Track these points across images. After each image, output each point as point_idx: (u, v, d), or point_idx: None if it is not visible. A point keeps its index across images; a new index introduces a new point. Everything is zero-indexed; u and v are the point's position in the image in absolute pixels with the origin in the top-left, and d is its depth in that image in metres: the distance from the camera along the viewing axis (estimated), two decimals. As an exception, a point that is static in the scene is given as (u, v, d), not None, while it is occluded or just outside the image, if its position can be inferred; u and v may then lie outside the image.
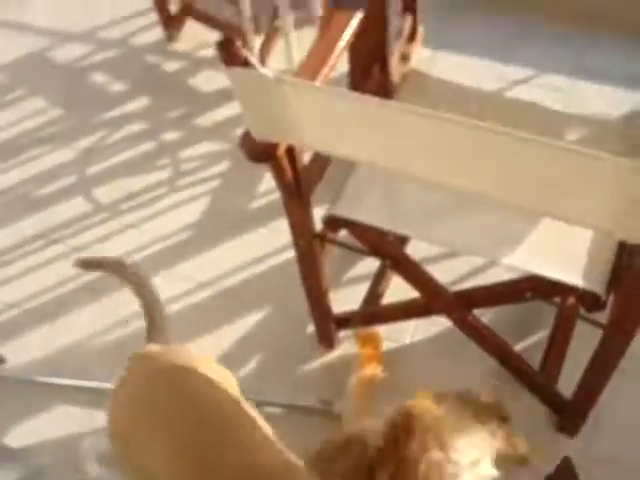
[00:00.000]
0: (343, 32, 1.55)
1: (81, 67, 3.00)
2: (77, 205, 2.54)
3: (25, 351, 2.22)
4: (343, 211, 1.64)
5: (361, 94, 1.25)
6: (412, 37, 2.13)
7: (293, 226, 1.68)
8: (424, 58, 2.70)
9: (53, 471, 2.00)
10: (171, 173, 2.60)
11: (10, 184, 2.63)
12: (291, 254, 2.26)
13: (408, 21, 2.04)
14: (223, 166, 2.58)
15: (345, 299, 2.12)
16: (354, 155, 1.37)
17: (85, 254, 2.40)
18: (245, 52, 1.21)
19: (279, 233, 2.38)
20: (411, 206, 1.68)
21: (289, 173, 1.50)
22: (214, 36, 2.87)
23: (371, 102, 1.18)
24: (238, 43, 1.19)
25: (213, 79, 2.87)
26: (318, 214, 1.72)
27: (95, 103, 2.84)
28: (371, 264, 2.18)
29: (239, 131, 2.58)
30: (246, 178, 2.54)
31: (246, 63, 1.22)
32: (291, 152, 1.47)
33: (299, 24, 2.65)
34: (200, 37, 2.99)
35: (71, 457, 2.02)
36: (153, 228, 2.46)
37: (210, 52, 2.96)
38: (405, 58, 2.03)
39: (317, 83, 1.39)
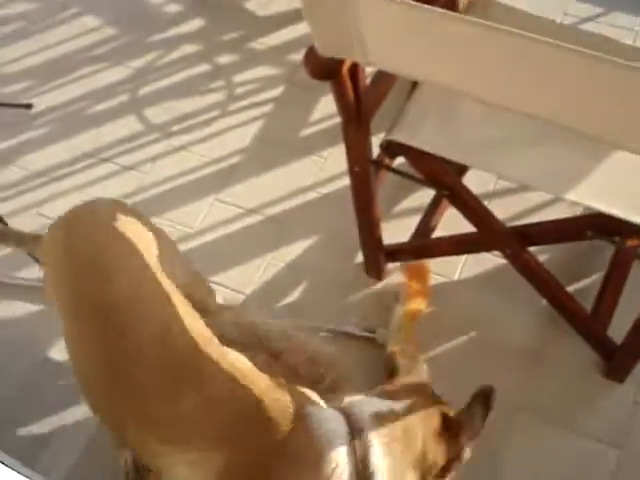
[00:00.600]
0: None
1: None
2: (129, 124, 2.53)
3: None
4: (402, 136, 1.60)
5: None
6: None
7: (350, 151, 1.65)
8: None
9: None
10: (224, 96, 2.57)
11: (64, 101, 2.62)
12: (342, 183, 2.26)
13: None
14: (277, 91, 2.54)
15: (396, 230, 2.09)
16: (421, 74, 1.32)
17: (135, 173, 2.40)
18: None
19: (331, 161, 2.36)
20: (474, 135, 1.63)
21: (351, 94, 1.46)
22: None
23: (448, 16, 1.13)
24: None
25: (269, 3, 2.80)
26: (375, 142, 1.68)
27: (149, 23, 2.80)
28: (424, 196, 2.14)
29: (294, 56, 2.60)
30: (300, 104, 2.49)
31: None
32: (354, 71, 1.42)
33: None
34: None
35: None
36: (203, 151, 2.44)
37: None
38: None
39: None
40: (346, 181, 2.25)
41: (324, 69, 1.37)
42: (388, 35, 1.26)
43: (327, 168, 2.35)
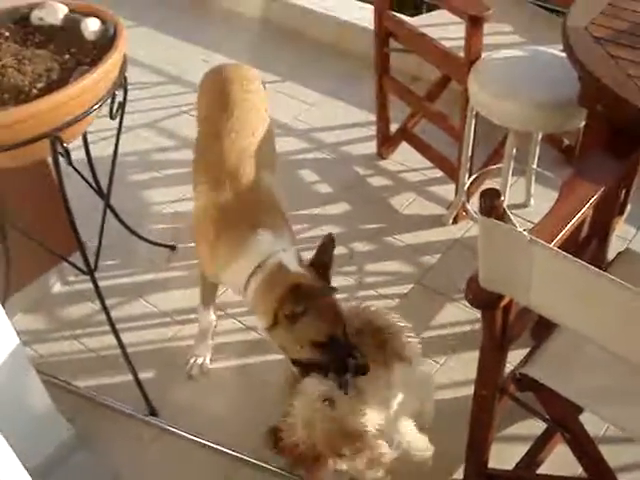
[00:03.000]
0: (584, 203, 1.58)
1: (291, 160, 3.18)
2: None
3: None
4: (538, 373, 1.62)
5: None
6: (620, 211, 2.14)
7: (481, 375, 1.68)
8: (627, 235, 2.69)
9: None
10: (354, 282, 2.67)
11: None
12: (452, 394, 2.27)
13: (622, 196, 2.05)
14: (405, 289, 2.63)
15: (502, 454, 2.05)
16: (575, 325, 1.37)
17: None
18: (504, 207, 1.25)
19: (445, 370, 2.37)
20: (608, 386, 1.64)
21: (499, 325, 1.51)
22: (422, 163, 3.00)
23: (615, 284, 1.19)
24: (502, 198, 1.24)
25: (412, 203, 2.96)
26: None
27: (299, 197, 2.98)
28: (537, 423, 2.11)
29: (428, 258, 2.70)
30: (425, 306, 2.56)
31: (501, 217, 1.27)
32: (509, 305, 1.48)
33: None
34: (408, 161, 3.11)
35: None
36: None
37: (416, 177, 3.06)
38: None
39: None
40: (457, 393, 2.29)
41: (484, 300, 1.43)
42: (551, 285, 1.32)
43: (440, 375, 2.36)
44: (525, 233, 1.23)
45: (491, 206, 1.24)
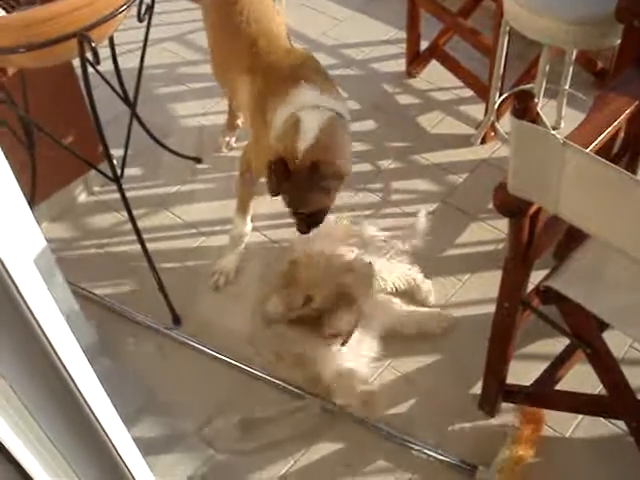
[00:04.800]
0: (616, 116, 1.55)
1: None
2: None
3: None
4: (562, 286, 1.62)
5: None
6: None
7: (504, 286, 1.68)
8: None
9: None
10: (379, 199, 2.67)
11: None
12: (473, 312, 2.29)
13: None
14: (431, 207, 2.61)
15: (519, 371, 2.07)
16: (602, 233, 1.36)
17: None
18: (537, 110, 1.23)
19: (468, 287, 2.39)
20: (628, 299, 1.64)
21: (526, 234, 1.50)
22: (452, 82, 2.94)
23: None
24: (535, 99, 1.21)
25: (440, 122, 2.92)
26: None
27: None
28: (554, 344, 2.13)
29: (454, 177, 2.68)
30: (450, 225, 2.56)
31: (535, 120, 1.24)
32: (535, 215, 1.47)
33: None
34: (438, 80, 3.05)
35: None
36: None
37: (445, 96, 3.01)
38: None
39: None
40: (477, 310, 2.30)
41: (512, 207, 1.42)
42: (581, 192, 1.31)
43: (462, 293, 2.37)
44: (559, 136, 1.21)
45: (525, 107, 1.22)
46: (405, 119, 2.95)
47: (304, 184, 1.98)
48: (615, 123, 1.52)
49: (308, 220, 2.11)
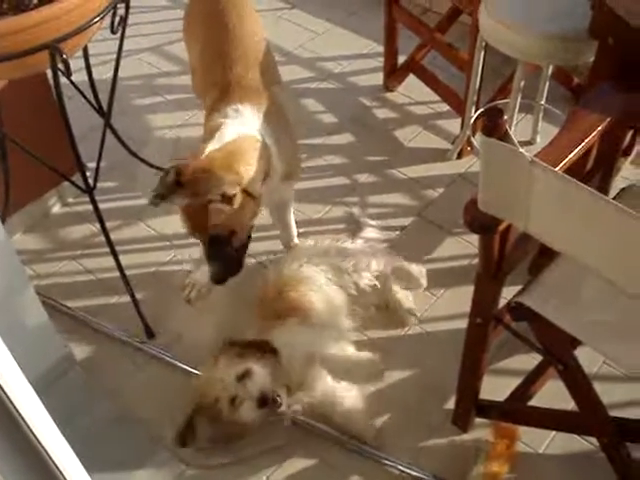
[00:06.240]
0: (588, 133, 1.55)
1: (295, 89, 3.13)
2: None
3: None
4: (534, 303, 1.62)
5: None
6: (626, 152, 2.11)
7: (476, 303, 1.68)
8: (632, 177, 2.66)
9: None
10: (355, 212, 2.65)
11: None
12: (447, 326, 2.29)
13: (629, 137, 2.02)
14: (406, 221, 2.62)
15: (491, 387, 2.07)
16: (571, 252, 1.36)
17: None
18: (507, 127, 1.23)
19: (442, 302, 2.38)
20: (599, 316, 1.64)
21: (497, 251, 1.50)
22: (429, 96, 2.95)
23: (614, 208, 1.17)
24: (505, 117, 1.21)
25: (417, 136, 2.92)
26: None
27: (302, 126, 2.92)
28: (526, 360, 2.13)
29: (430, 192, 2.68)
30: (425, 239, 2.56)
31: (503, 137, 1.24)
32: (506, 232, 1.47)
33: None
34: (415, 94, 3.06)
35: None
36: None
37: (422, 110, 3.02)
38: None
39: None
40: (451, 325, 2.30)
41: (482, 223, 1.41)
42: (551, 210, 1.31)
43: (436, 307, 2.37)
44: (527, 154, 1.21)
45: (494, 125, 1.22)
46: (382, 133, 2.95)
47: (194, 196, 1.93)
48: (586, 141, 1.52)
49: (211, 251, 1.99)
